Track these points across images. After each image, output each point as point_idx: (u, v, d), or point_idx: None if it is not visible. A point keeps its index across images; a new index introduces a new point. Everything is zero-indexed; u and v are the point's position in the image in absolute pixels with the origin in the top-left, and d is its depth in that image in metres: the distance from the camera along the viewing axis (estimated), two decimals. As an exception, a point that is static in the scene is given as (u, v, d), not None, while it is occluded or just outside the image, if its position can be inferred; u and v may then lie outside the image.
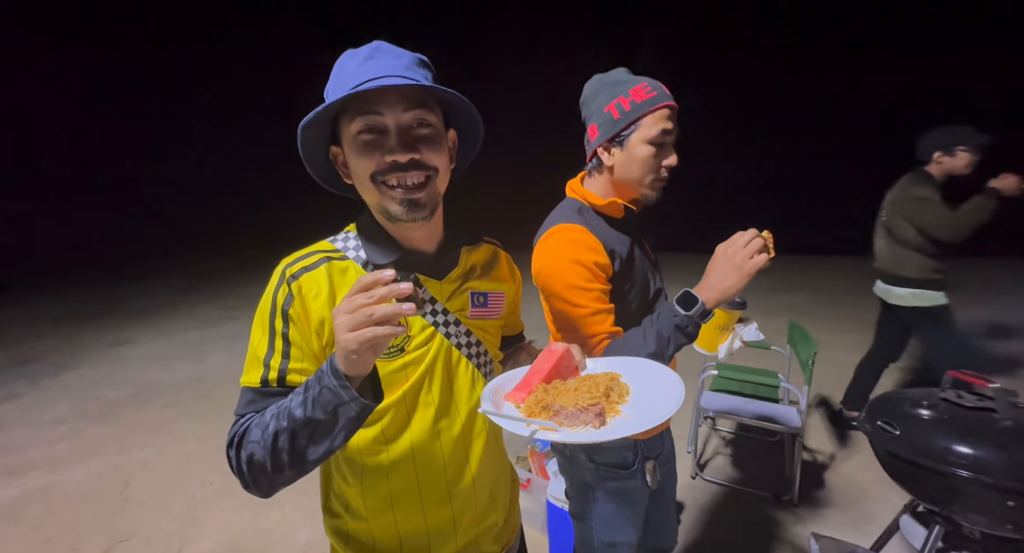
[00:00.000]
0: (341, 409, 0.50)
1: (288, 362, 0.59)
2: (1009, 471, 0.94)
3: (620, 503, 1.02)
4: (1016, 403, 1.07)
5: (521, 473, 1.91)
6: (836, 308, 5.36)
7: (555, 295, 0.88)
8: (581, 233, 0.89)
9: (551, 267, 0.88)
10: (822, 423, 2.76)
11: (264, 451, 0.53)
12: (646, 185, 0.92)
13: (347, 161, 0.62)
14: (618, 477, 1.00)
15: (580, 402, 0.54)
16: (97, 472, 2.50)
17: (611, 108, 0.91)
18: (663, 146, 0.90)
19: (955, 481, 0.99)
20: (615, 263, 0.91)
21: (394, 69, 0.58)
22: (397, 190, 0.59)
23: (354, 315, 0.45)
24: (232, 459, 0.57)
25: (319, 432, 0.52)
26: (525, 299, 0.90)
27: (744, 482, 2.23)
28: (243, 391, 0.61)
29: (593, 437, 0.50)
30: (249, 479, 0.56)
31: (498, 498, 0.77)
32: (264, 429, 0.54)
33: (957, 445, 1.01)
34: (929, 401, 1.15)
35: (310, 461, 0.54)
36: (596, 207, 0.96)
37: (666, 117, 0.89)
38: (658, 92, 0.89)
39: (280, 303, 0.59)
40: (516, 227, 2.08)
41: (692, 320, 0.77)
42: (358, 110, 0.57)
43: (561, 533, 1.71)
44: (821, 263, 8.08)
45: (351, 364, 0.48)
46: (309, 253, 0.64)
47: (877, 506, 1.99)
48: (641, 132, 0.89)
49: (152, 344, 4.84)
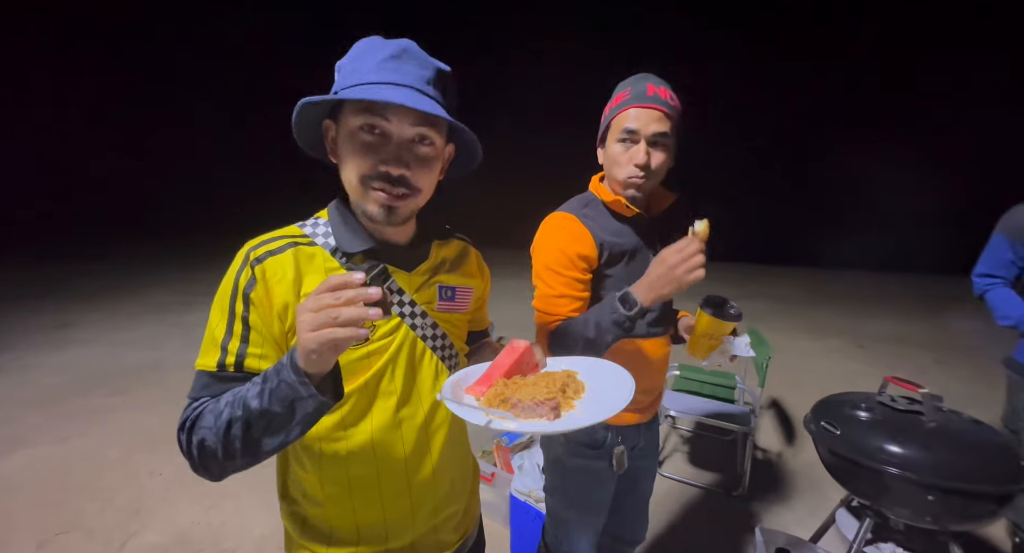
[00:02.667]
0: (298, 404, 0.49)
1: (247, 346, 0.58)
2: (931, 469, 1.03)
3: (586, 481, 1.08)
4: (940, 407, 1.18)
5: (486, 467, 1.92)
6: (790, 315, 5.66)
7: (535, 272, 0.99)
8: (571, 222, 0.97)
9: (537, 247, 0.99)
10: (772, 423, 2.93)
11: (216, 438, 0.52)
12: (621, 183, 0.96)
13: (338, 146, 0.62)
14: (585, 456, 1.06)
15: (537, 396, 0.57)
16: (28, 463, 2.34)
17: (604, 112, 1.00)
18: (630, 145, 0.93)
19: (885, 478, 1.07)
20: (603, 255, 0.97)
21: (416, 81, 0.58)
22: (380, 194, 0.60)
23: (318, 315, 0.45)
24: (183, 442, 0.56)
25: (274, 425, 0.51)
26: (500, 298, 0.91)
27: (699, 478, 2.33)
28: (198, 374, 0.59)
29: (544, 429, 0.53)
30: (199, 463, 0.55)
31: (459, 488, 0.78)
32: (218, 416, 0.53)
33: (888, 445, 1.09)
34: (867, 404, 1.24)
35: (263, 452, 0.53)
36: (605, 202, 1.01)
37: (632, 118, 0.92)
38: (633, 95, 0.92)
39: (242, 286, 0.58)
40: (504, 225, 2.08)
41: (629, 318, 0.82)
42: (367, 107, 0.57)
43: (523, 527, 1.74)
44: (777, 272, 8.52)
45: (311, 362, 0.47)
46: (275, 237, 0.63)
47: (818, 501, 2.14)
48: (612, 132, 0.96)
49: (97, 328, 4.55)
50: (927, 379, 1.28)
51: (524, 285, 6.69)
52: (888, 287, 7.39)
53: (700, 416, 2.22)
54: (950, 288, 7.02)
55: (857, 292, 7.02)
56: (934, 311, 5.80)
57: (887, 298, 6.58)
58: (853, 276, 8.34)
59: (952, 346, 4.50)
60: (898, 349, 4.43)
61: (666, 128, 0.92)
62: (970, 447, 1.07)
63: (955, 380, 3.62)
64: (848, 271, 8.77)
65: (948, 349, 4.42)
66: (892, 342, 4.64)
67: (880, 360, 4.10)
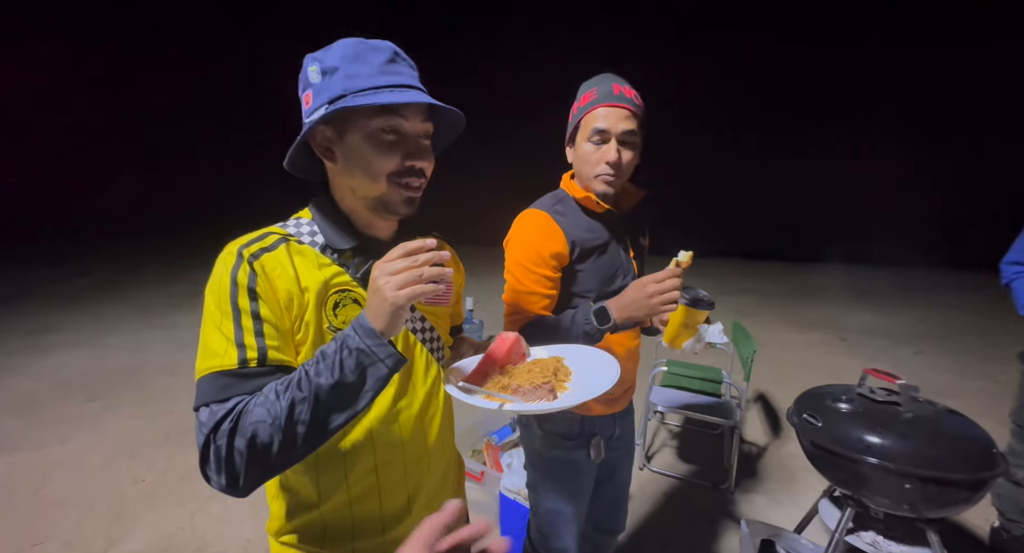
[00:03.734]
0: (371, 369, 0.53)
1: (264, 339, 0.57)
2: (908, 457, 1.05)
3: (564, 473, 1.11)
4: (917, 398, 1.20)
5: (476, 466, 1.92)
6: (776, 310, 5.76)
7: (507, 267, 1.01)
8: (543, 220, 0.99)
9: (510, 243, 1.02)
10: (758, 417, 2.97)
11: (273, 428, 0.51)
12: (592, 179, 0.99)
13: (344, 147, 0.62)
14: (563, 446, 1.09)
15: (534, 380, 0.63)
16: (5, 470, 2.28)
17: (571, 112, 1.03)
18: (600, 143, 0.96)
19: (865, 468, 1.09)
20: (574, 252, 1.00)
21: (413, 80, 0.62)
22: (406, 190, 0.63)
23: (402, 275, 0.50)
24: (221, 448, 0.51)
25: (344, 396, 0.53)
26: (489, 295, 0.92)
27: (686, 472, 2.36)
28: (211, 378, 0.55)
29: (548, 407, 0.59)
30: (241, 469, 0.51)
31: (449, 479, 0.80)
32: (271, 406, 0.51)
33: (867, 435, 1.12)
34: (847, 396, 1.26)
35: (330, 430, 0.54)
36: (576, 199, 1.04)
37: (601, 117, 0.94)
38: (600, 96, 0.95)
39: (243, 282, 0.57)
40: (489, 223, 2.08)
41: (600, 331, 0.88)
42: (387, 108, 0.60)
43: (513, 525, 1.74)
44: (763, 268, 8.65)
45: (394, 321, 0.52)
46: (263, 235, 0.63)
47: (802, 492, 2.18)
48: (581, 131, 0.99)
49: (82, 331, 4.44)
50: (906, 371, 1.31)
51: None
52: (870, 281, 7.55)
53: (687, 411, 2.25)
54: (931, 281, 7.21)
55: (840, 286, 7.16)
56: (915, 304, 5.94)
57: (869, 291, 6.73)
58: (836, 270, 8.50)
59: (932, 338, 4.62)
60: (879, 341, 4.53)
61: (634, 126, 0.95)
62: (945, 436, 1.09)
63: (934, 371, 3.71)
64: (831, 265, 8.95)
65: (928, 341, 4.53)
66: (874, 335, 4.74)
67: (862, 352, 4.19)
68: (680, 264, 0.83)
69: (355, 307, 0.64)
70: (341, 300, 0.63)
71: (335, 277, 0.63)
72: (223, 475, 0.52)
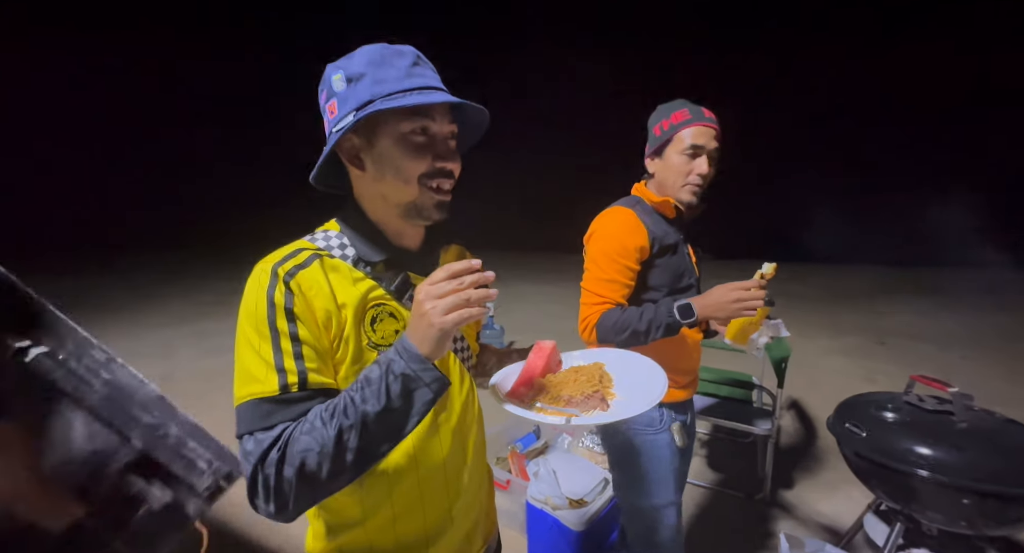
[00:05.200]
0: (418, 393, 0.52)
1: (304, 363, 0.55)
2: (964, 471, 0.99)
3: (655, 461, 1.15)
4: (972, 407, 1.13)
5: (501, 474, 1.91)
6: (809, 314, 5.55)
7: (590, 256, 1.11)
8: (629, 215, 1.10)
9: (596, 234, 1.12)
10: (794, 425, 2.86)
11: (321, 456, 0.50)
12: (679, 189, 1.11)
13: (375, 153, 0.62)
14: (648, 433, 1.15)
15: (584, 390, 0.61)
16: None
17: (656, 128, 1.14)
18: (693, 157, 1.09)
19: (915, 480, 1.03)
20: (654, 247, 1.10)
21: (437, 81, 0.63)
22: (437, 193, 0.63)
23: (448, 299, 0.49)
24: (269, 477, 0.51)
25: (391, 422, 0.52)
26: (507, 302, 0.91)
27: (718, 482, 2.28)
28: (253, 405, 0.54)
29: (613, 418, 0.58)
30: (291, 497, 0.51)
31: (483, 489, 0.79)
32: (318, 434, 0.51)
33: (917, 446, 1.06)
34: (894, 404, 1.20)
35: (379, 455, 0.54)
36: (652, 203, 1.15)
37: (695, 134, 1.08)
38: (694, 115, 1.09)
39: (280, 303, 0.55)
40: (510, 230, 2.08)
41: (681, 325, 0.98)
42: (416, 111, 0.60)
43: (540, 534, 1.71)
44: (798, 270, 8.37)
45: (439, 346, 0.51)
46: (295, 251, 0.62)
47: (845, 505, 2.07)
48: (674, 145, 1.10)
49: (120, 341, 4.65)
50: (953, 377, 1.23)
51: (532, 290, 6.68)
52: (906, 282, 7.20)
53: (716, 418, 2.18)
54: (977, 281, 6.81)
55: (876, 287, 6.86)
56: (958, 306, 5.63)
57: (908, 292, 6.42)
58: (871, 271, 8.15)
59: (978, 342, 4.36)
60: (922, 346, 4.30)
61: (719, 144, 1.10)
62: (1005, 448, 1.03)
63: (983, 377, 3.49)
64: (865, 266, 8.58)
65: (974, 345, 4.28)
66: (915, 339, 4.51)
67: (903, 357, 3.98)
68: (764, 275, 0.91)
69: (392, 321, 0.63)
70: (378, 315, 0.62)
71: (371, 292, 0.63)
72: (272, 503, 0.52)
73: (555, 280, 7.23)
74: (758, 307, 0.90)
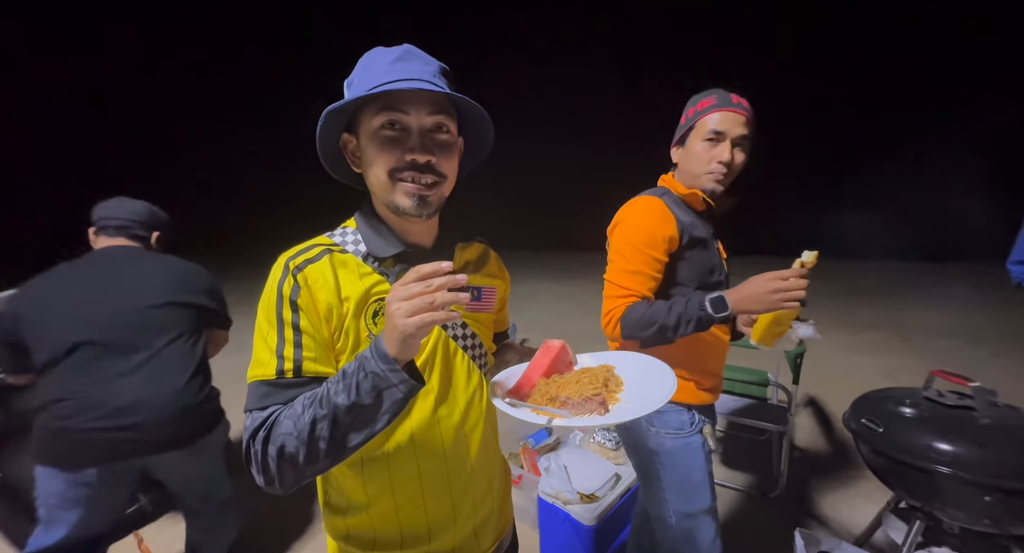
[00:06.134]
0: (387, 392, 0.52)
1: (301, 351, 0.59)
2: (987, 467, 0.96)
3: (686, 465, 1.09)
4: (995, 402, 1.10)
5: (513, 470, 1.92)
6: (826, 309, 5.43)
7: (614, 247, 1.05)
8: (657, 204, 1.05)
9: (622, 224, 1.06)
10: (809, 422, 2.81)
11: (298, 441, 0.53)
12: (703, 177, 1.05)
13: (361, 151, 0.64)
14: (679, 436, 1.09)
15: (584, 392, 0.59)
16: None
17: (683, 117, 1.10)
18: (714, 143, 1.03)
19: (935, 477, 1.01)
20: (683, 238, 1.04)
21: (423, 74, 0.61)
22: (410, 185, 0.62)
23: (413, 302, 0.48)
24: (257, 453, 0.55)
25: (362, 417, 0.53)
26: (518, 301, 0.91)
27: (733, 480, 2.26)
28: (254, 386, 0.59)
29: (599, 421, 0.55)
30: (275, 473, 0.55)
31: (494, 488, 0.78)
32: (297, 419, 0.53)
33: (938, 442, 1.03)
34: (912, 399, 1.17)
35: (348, 448, 0.54)
36: (680, 195, 1.10)
37: (719, 120, 1.01)
38: (720, 101, 1.03)
39: (287, 294, 0.59)
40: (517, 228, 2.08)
41: (714, 319, 0.91)
42: (385, 105, 0.60)
43: (552, 529, 1.72)
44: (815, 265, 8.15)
45: (405, 348, 0.50)
46: (309, 246, 0.65)
47: (862, 503, 2.03)
48: (696, 132, 1.05)
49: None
50: (978, 374, 1.20)
51: (542, 288, 6.67)
52: (926, 277, 6.99)
53: (731, 415, 2.15)
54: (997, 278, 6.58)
55: (898, 282, 6.67)
56: (984, 302, 5.44)
57: (932, 288, 6.23)
58: (892, 266, 7.93)
59: (1006, 339, 4.21)
60: (947, 342, 4.18)
61: (747, 131, 1.03)
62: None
63: (1010, 375, 3.38)
64: (887, 261, 8.34)
65: (1001, 342, 4.13)
66: (939, 336, 4.38)
67: (926, 355, 3.88)
68: (805, 264, 0.83)
69: None
70: (381, 309, 0.63)
71: (376, 286, 0.64)
72: (261, 476, 0.56)
73: (566, 279, 7.21)
74: (800, 298, 0.82)
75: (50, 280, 1.21)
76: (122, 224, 1.31)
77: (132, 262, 1.27)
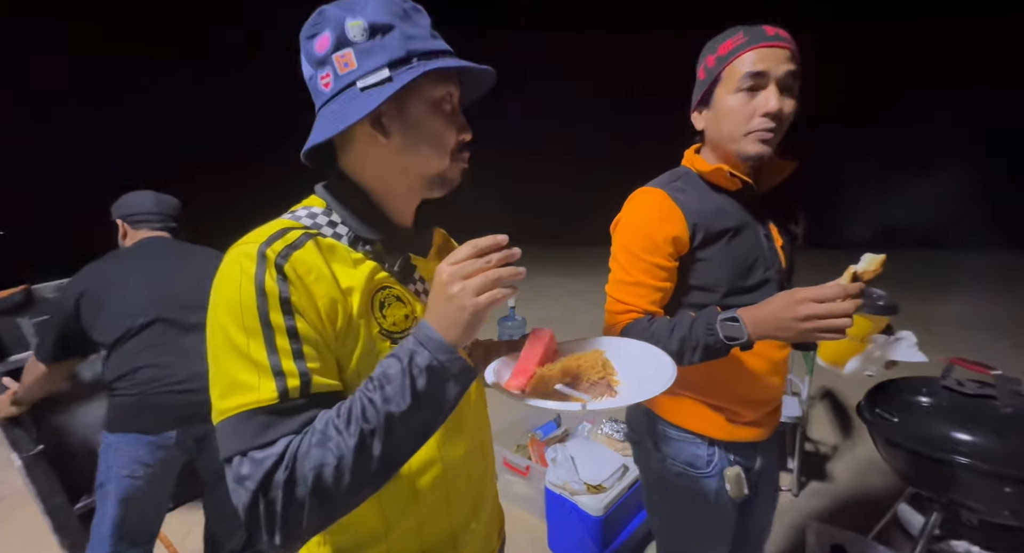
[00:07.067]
0: (446, 387, 0.46)
1: (305, 363, 0.47)
2: (1007, 458, 0.93)
3: (693, 508, 0.91)
4: (1018, 391, 1.06)
5: (521, 460, 1.92)
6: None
7: (612, 253, 0.88)
8: (658, 199, 0.83)
9: (619, 226, 0.88)
10: (823, 413, 2.76)
11: (340, 469, 0.43)
12: (740, 140, 0.79)
13: (408, 119, 0.55)
14: (687, 477, 0.90)
15: (592, 377, 0.58)
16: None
17: (701, 70, 0.84)
18: (753, 91, 0.76)
19: (953, 468, 0.98)
20: (696, 236, 0.82)
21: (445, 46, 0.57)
22: (463, 163, 0.61)
23: (478, 279, 0.45)
24: (276, 503, 0.42)
25: (420, 421, 0.46)
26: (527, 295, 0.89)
27: (744, 472, 2.23)
28: (242, 419, 0.45)
29: (618, 402, 0.54)
30: (303, 521, 0.44)
31: (492, 477, 0.77)
32: (335, 444, 0.43)
33: (956, 432, 1.00)
34: (929, 389, 1.14)
35: (403, 461, 0.48)
36: (702, 174, 0.86)
37: (755, 59, 0.75)
38: (750, 37, 0.76)
39: (274, 291, 0.46)
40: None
41: (728, 347, 0.70)
42: (448, 77, 0.56)
43: (559, 518, 1.73)
44: (825, 256, 7.99)
45: (469, 331, 0.46)
46: (280, 230, 0.51)
47: (876, 495, 1.99)
48: (724, 84, 0.79)
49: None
50: (1000, 365, 1.15)
51: (551, 282, 6.64)
52: (959, 267, 6.78)
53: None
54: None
55: (923, 274, 6.48)
56: (1010, 293, 5.26)
57: (959, 279, 6.04)
58: (917, 255, 7.70)
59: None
60: (972, 334, 4.05)
61: (795, 67, 0.76)
62: (1055, 434, 0.96)
63: (1038, 365, 3.27)
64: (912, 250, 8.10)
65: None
66: (957, 326, 4.25)
67: (950, 346, 3.76)
68: (859, 275, 0.60)
69: (400, 306, 0.57)
70: (386, 299, 0.56)
71: (375, 274, 0.55)
72: (279, 533, 0.43)
73: (577, 273, 7.17)
74: (844, 326, 0.61)
75: (107, 266, 1.32)
76: (162, 218, 1.42)
77: (181, 250, 1.40)
